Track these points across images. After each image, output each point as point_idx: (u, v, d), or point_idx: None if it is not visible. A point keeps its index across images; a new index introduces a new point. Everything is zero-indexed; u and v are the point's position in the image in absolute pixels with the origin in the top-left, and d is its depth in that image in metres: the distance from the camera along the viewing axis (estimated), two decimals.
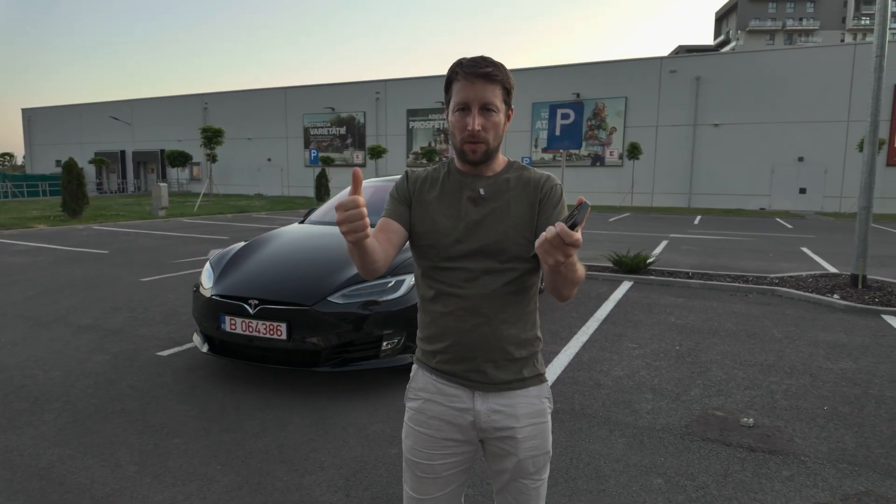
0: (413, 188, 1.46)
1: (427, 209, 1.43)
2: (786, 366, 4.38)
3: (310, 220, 5.40)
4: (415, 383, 1.50)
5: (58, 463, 2.82)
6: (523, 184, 1.42)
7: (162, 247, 11.14)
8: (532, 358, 1.45)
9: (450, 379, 1.43)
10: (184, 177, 42.54)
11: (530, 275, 1.43)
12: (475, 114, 1.32)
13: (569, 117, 8.54)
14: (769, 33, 73.13)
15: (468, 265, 1.38)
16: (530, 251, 1.39)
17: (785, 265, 9.42)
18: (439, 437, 1.43)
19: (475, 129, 1.32)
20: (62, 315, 5.69)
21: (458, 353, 1.40)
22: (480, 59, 1.34)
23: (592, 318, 5.77)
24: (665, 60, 29.58)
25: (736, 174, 28.22)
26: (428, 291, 1.43)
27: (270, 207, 24.25)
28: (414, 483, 1.47)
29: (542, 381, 1.47)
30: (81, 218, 16.59)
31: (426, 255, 1.42)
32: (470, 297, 1.37)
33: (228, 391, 3.76)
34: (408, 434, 1.48)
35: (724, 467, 2.84)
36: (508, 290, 1.39)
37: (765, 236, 14.50)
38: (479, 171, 1.42)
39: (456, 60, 1.36)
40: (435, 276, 1.41)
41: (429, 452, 1.44)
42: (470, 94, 1.32)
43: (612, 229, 16.26)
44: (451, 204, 1.41)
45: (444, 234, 1.39)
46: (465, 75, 1.32)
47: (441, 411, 1.43)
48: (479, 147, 1.36)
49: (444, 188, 1.44)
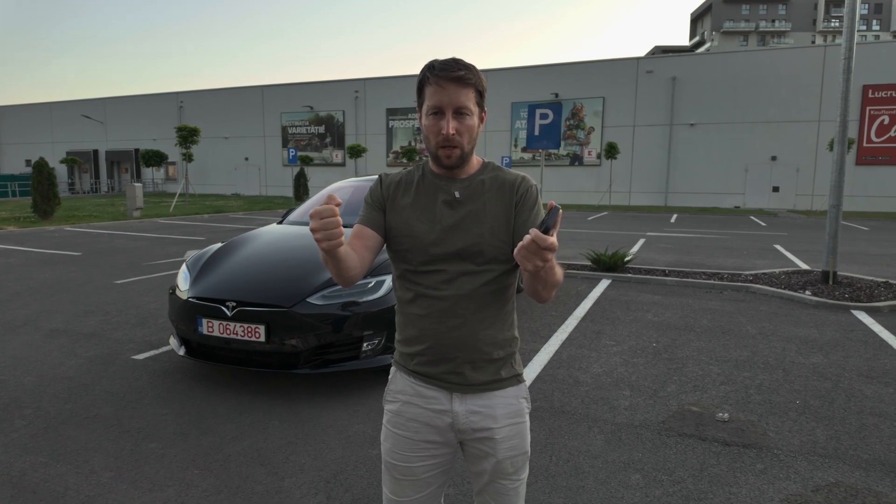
0: (387, 193, 1.46)
1: (402, 213, 1.43)
2: (759, 361, 4.47)
3: (288, 220, 5.36)
4: (393, 385, 1.50)
5: (30, 471, 2.76)
6: (498, 185, 1.42)
7: (137, 248, 10.94)
8: (510, 358, 1.46)
9: (428, 381, 1.43)
10: (159, 177, 41.81)
11: (507, 275, 1.43)
12: (449, 118, 1.32)
13: (547, 117, 8.60)
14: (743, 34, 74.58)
15: (445, 267, 1.38)
16: (507, 253, 1.41)
17: (759, 262, 9.61)
18: (418, 439, 1.44)
19: (450, 134, 1.32)
20: (33, 319, 5.56)
21: (435, 354, 1.41)
22: (453, 61, 1.33)
23: (572, 316, 5.83)
24: (642, 61, 29.94)
25: (711, 173, 28.71)
26: (405, 294, 1.43)
27: (248, 207, 23.97)
28: (393, 485, 1.48)
29: (519, 381, 1.48)
30: (53, 219, 16.20)
31: (402, 258, 1.42)
32: (447, 299, 1.37)
33: (206, 394, 3.72)
34: (386, 436, 1.48)
35: (700, 461, 2.89)
36: (486, 290, 1.39)
37: (739, 234, 14.78)
38: (453, 173, 1.42)
39: (427, 63, 1.35)
40: (412, 278, 1.41)
41: (407, 455, 1.44)
42: (443, 97, 1.31)
43: (591, 228, 16.42)
44: (427, 207, 1.41)
45: (420, 238, 1.39)
46: (438, 79, 1.31)
47: (419, 413, 1.43)
48: (454, 151, 1.35)
49: (419, 191, 1.43)
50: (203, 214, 20.25)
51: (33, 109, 45.67)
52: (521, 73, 31.94)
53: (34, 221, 15.70)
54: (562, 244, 12.04)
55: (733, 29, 74.60)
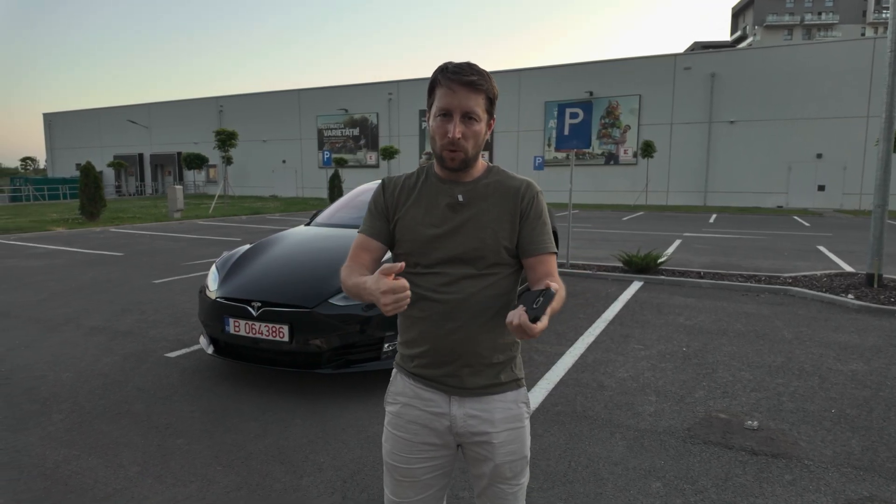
0: (390, 200, 1.47)
1: (405, 217, 1.44)
2: (794, 367, 4.31)
3: (315, 222, 5.44)
4: (393, 387, 1.51)
5: (63, 463, 2.87)
6: (502, 191, 1.42)
7: (176, 249, 11.28)
8: (510, 362, 1.45)
9: (426, 383, 1.44)
10: (200, 179, 43.02)
11: (509, 280, 1.43)
12: (456, 121, 1.32)
13: (578, 116, 8.48)
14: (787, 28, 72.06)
15: (446, 270, 1.38)
16: (508, 258, 1.41)
17: (800, 264, 9.27)
18: (417, 441, 1.44)
19: (455, 137, 1.32)
20: (74, 317, 5.79)
21: (434, 357, 1.41)
22: (466, 65, 1.33)
23: (599, 319, 5.74)
24: (679, 57, 29.27)
25: (752, 172, 27.83)
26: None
27: (284, 209, 24.43)
28: (394, 486, 1.48)
29: (519, 385, 1.47)
30: (98, 220, 16.86)
31: (404, 260, 1.43)
32: (447, 302, 1.37)
33: (233, 392, 3.80)
34: (387, 438, 1.50)
35: (724, 471, 2.80)
36: (487, 294, 1.38)
37: (780, 234, 14.29)
38: (457, 177, 1.42)
39: (441, 65, 1.35)
40: (412, 280, 1.41)
41: (407, 456, 1.45)
42: (453, 101, 1.31)
43: (625, 228, 16.14)
44: (429, 210, 1.41)
45: (422, 242, 1.40)
46: (450, 82, 1.31)
47: (418, 415, 1.44)
48: (458, 155, 1.35)
49: (422, 194, 1.44)
50: (241, 216, 20.75)
51: (82, 115, 47.64)
52: (555, 72, 31.63)
53: (81, 223, 16.37)
54: (594, 245, 11.87)
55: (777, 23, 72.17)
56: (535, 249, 1.41)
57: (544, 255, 1.41)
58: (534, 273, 1.43)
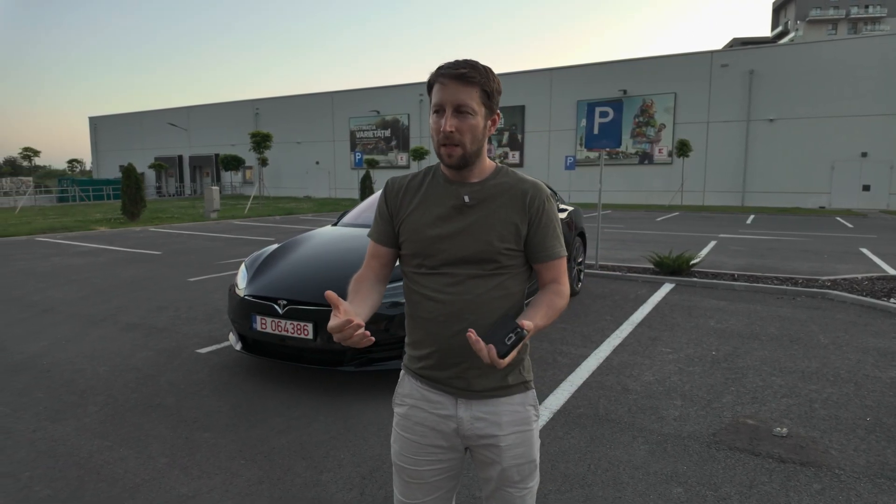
0: (393, 203, 1.47)
1: (409, 218, 1.43)
2: (829, 373, 4.17)
3: (342, 222, 5.52)
4: (401, 389, 1.51)
5: (96, 453, 2.99)
6: (510, 193, 1.40)
7: (211, 248, 11.58)
8: (517, 365, 1.43)
9: (433, 385, 1.43)
10: (237, 180, 44.04)
11: (517, 280, 1.42)
12: (448, 115, 1.31)
13: (608, 115, 8.36)
14: (831, 23, 69.47)
15: (452, 271, 1.38)
16: (515, 260, 1.40)
17: (840, 267, 8.95)
18: (424, 443, 1.44)
19: (447, 130, 1.30)
20: (112, 314, 6.01)
21: (440, 359, 1.40)
22: (461, 61, 1.33)
23: (627, 322, 5.65)
24: (716, 54, 28.57)
25: (793, 171, 26.96)
26: (412, 296, 1.44)
27: (317, 209, 24.80)
28: (402, 487, 1.49)
29: (527, 388, 1.45)
30: (139, 220, 17.43)
31: (409, 261, 1.43)
32: (453, 303, 1.37)
33: (259, 388, 3.89)
34: (395, 439, 1.50)
35: (749, 478, 2.73)
36: (494, 296, 1.37)
37: (821, 236, 13.81)
38: (464, 177, 1.40)
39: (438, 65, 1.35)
40: (419, 280, 1.41)
41: (415, 458, 1.45)
42: (445, 95, 1.31)
43: (659, 229, 15.84)
44: (435, 211, 1.40)
45: (427, 242, 1.39)
46: (441, 77, 1.32)
47: (425, 417, 1.44)
48: (456, 150, 1.33)
49: (428, 194, 1.43)
50: (275, 216, 21.15)
51: (126, 118, 49.34)
52: (588, 70, 31.28)
53: (123, 222, 16.96)
54: (624, 246, 11.69)
55: (820, 17, 69.64)
56: (545, 256, 1.41)
57: (555, 261, 1.42)
58: (542, 278, 1.43)
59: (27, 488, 2.66)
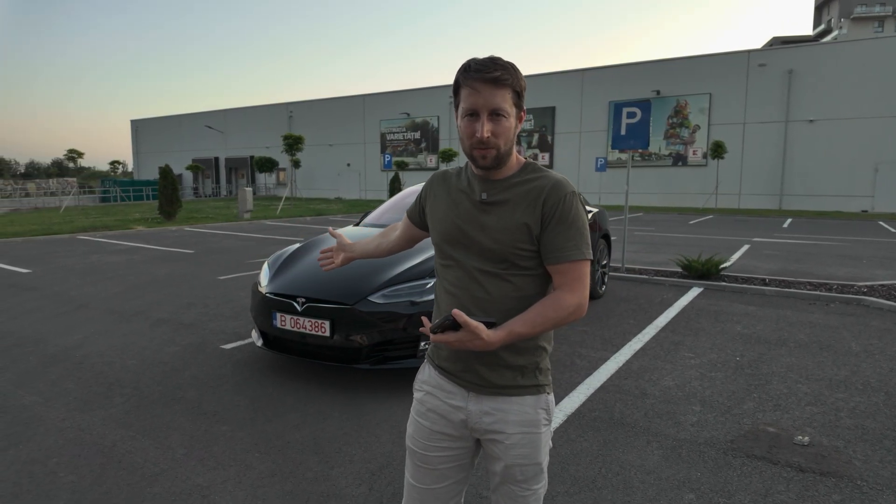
0: (428, 190, 1.55)
1: (433, 209, 1.50)
2: (858, 382, 4.03)
3: (364, 222, 5.58)
4: (421, 375, 1.55)
5: (119, 443, 3.10)
6: (528, 191, 1.37)
7: (243, 247, 11.84)
8: (532, 367, 1.43)
9: (448, 377, 1.47)
10: (270, 182, 44.91)
11: (534, 281, 1.39)
12: (484, 120, 1.29)
13: (635, 116, 8.24)
14: (878, 20, 66.84)
15: (468, 267, 1.40)
16: (530, 261, 1.37)
17: (879, 272, 8.62)
18: (435, 429, 1.48)
19: (484, 137, 1.29)
20: (144, 310, 6.21)
21: (453, 351, 1.43)
22: (489, 61, 1.29)
23: (651, 325, 5.56)
24: (753, 54, 27.82)
25: (833, 174, 26.05)
26: (438, 287, 1.50)
27: (346, 210, 25.10)
28: (413, 470, 1.53)
29: (540, 391, 1.44)
30: (175, 220, 17.94)
31: (436, 252, 1.49)
32: (465, 298, 1.39)
33: (278, 384, 3.97)
34: (410, 422, 1.55)
35: (765, 486, 2.67)
36: (509, 295, 1.37)
37: (862, 241, 13.32)
38: (489, 174, 1.39)
39: (464, 64, 1.32)
40: (441, 273, 1.48)
41: (425, 443, 1.49)
42: (478, 100, 1.28)
43: (690, 232, 15.52)
44: (454, 207, 1.44)
45: (445, 235, 1.44)
46: (473, 81, 1.28)
47: (437, 405, 1.48)
48: (490, 152, 1.32)
49: (452, 189, 1.47)
50: (306, 217, 21.49)
51: (165, 121, 50.85)
52: (621, 71, 30.85)
53: (160, 222, 17.48)
54: (654, 249, 11.50)
55: (866, 14, 67.01)
56: (553, 258, 1.35)
57: (565, 264, 1.34)
58: (554, 283, 1.38)
59: (52, 473, 2.78)
